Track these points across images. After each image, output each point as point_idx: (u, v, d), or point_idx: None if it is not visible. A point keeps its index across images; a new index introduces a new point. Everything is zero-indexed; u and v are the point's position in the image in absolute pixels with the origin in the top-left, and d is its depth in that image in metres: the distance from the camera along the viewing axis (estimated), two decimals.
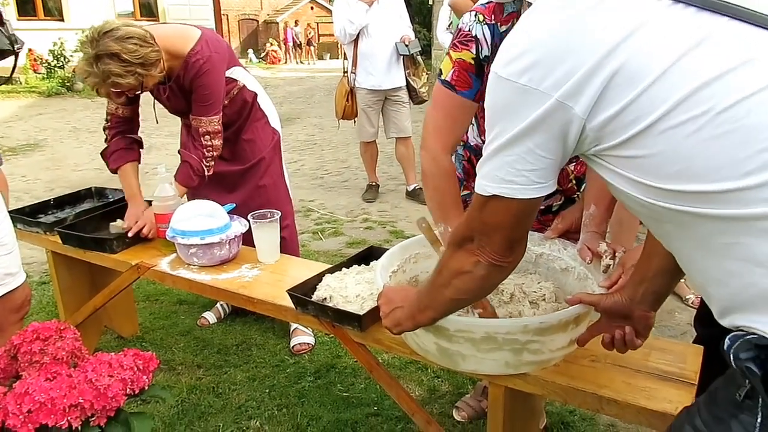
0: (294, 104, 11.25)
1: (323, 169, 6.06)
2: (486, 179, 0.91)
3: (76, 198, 2.56)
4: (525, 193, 0.88)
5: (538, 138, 0.84)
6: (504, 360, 1.29)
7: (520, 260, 1.01)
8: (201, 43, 2.19)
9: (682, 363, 1.34)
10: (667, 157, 0.76)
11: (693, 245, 0.81)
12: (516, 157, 0.86)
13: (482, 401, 2.06)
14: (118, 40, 1.93)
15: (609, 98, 0.77)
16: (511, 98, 0.84)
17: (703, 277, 0.83)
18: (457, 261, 1.02)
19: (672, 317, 2.75)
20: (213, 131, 2.24)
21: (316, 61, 26.38)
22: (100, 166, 6.25)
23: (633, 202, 0.84)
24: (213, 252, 1.95)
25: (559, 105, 0.80)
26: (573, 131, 0.82)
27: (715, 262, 0.79)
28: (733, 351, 0.77)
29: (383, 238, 3.95)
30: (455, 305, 1.13)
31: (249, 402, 2.19)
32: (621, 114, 0.77)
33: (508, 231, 0.94)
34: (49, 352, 1.26)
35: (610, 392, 1.26)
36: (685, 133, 0.74)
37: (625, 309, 1.13)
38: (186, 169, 2.24)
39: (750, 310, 0.77)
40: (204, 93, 2.20)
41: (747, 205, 0.72)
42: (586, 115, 0.79)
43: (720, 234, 0.76)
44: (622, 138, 0.78)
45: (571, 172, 1.74)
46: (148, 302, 3.03)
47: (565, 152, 0.86)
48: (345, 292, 1.63)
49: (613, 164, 0.83)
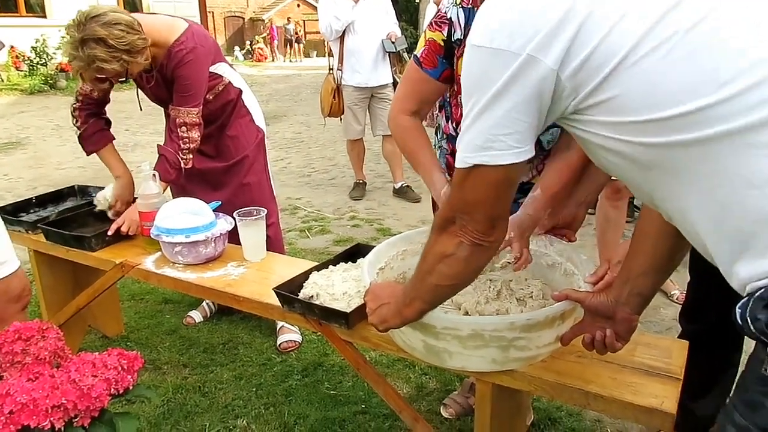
0: (280, 102, 11.21)
1: (310, 167, 6.04)
2: (465, 151, 0.92)
3: (58, 196, 2.53)
4: (504, 158, 0.89)
5: (512, 99, 0.85)
6: (491, 357, 1.29)
7: (502, 240, 1.02)
8: (187, 34, 2.18)
9: (667, 358, 1.35)
10: (642, 88, 0.78)
11: (682, 189, 0.81)
12: (492, 122, 0.87)
13: (470, 398, 2.06)
14: (105, 25, 1.91)
15: (579, 44, 0.80)
16: (484, 64, 0.86)
17: (701, 229, 0.82)
18: (441, 244, 1.03)
19: (657, 313, 2.77)
20: (190, 123, 2.21)
21: (302, 59, 26.27)
22: (83, 164, 6.20)
23: (619, 157, 0.85)
24: (198, 250, 1.93)
25: (531, 60, 0.82)
26: (547, 87, 0.83)
27: (707, 200, 0.79)
28: (749, 316, 0.76)
29: (370, 236, 3.95)
30: (441, 293, 1.13)
31: (236, 401, 2.18)
32: (592, 56, 0.79)
33: (489, 206, 0.95)
34: (32, 352, 1.24)
35: (597, 388, 1.26)
36: (656, 59, 0.76)
37: (609, 310, 1.13)
38: (162, 163, 2.22)
39: (755, 248, 0.76)
40: (184, 83, 2.19)
41: (726, 120, 0.74)
42: (558, 65, 0.81)
43: (704, 162, 0.77)
44: (597, 80, 0.80)
45: None
46: (133, 301, 3.00)
47: (541, 113, 0.87)
48: (332, 289, 1.62)
49: (594, 115, 0.84)
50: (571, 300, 1.22)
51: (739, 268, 0.79)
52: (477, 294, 1.50)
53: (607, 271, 1.30)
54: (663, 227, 0.97)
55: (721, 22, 0.75)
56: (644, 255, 1.05)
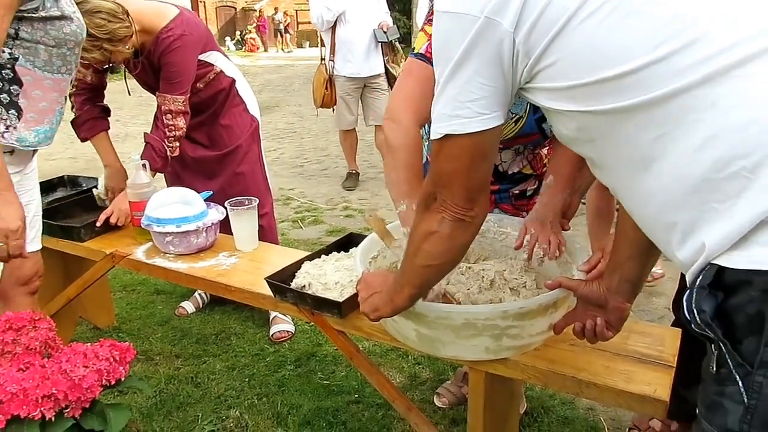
0: (273, 92, 11.15)
1: (303, 158, 6.02)
2: (436, 121, 0.93)
3: (48, 186, 2.50)
4: (471, 125, 0.90)
5: (474, 63, 0.86)
6: (484, 345, 1.29)
7: (484, 215, 1.02)
8: (176, 21, 2.16)
9: (660, 346, 1.36)
10: (584, 50, 0.79)
11: (626, 159, 0.82)
12: (458, 89, 0.89)
13: (463, 387, 2.07)
14: (86, 13, 1.88)
15: (531, 6, 0.81)
16: (448, 29, 0.88)
17: (648, 211, 0.83)
18: (424, 222, 1.03)
19: (649, 302, 2.79)
20: (176, 110, 2.20)
21: (294, 49, 26.12)
22: (74, 155, 6.15)
23: (567, 125, 0.87)
24: (189, 240, 1.92)
25: (488, 22, 0.83)
26: (506, 50, 0.84)
27: (646, 168, 0.79)
28: (694, 307, 0.76)
29: (363, 226, 3.93)
30: (428, 274, 1.12)
31: (228, 391, 2.18)
32: (540, 19, 0.81)
33: (464, 176, 0.95)
34: (22, 342, 1.24)
35: (590, 375, 1.26)
36: (595, 22, 0.78)
37: (600, 298, 1.13)
38: (149, 151, 2.21)
39: (685, 223, 0.77)
40: (171, 70, 2.17)
41: (663, 83, 0.75)
42: (513, 27, 0.82)
43: (644, 129, 0.78)
44: (544, 44, 0.82)
45: (545, 156, 1.74)
46: (124, 292, 2.98)
47: (505, 78, 0.87)
48: (324, 279, 1.61)
49: (542, 82, 0.85)
50: (563, 288, 1.22)
51: (675, 248, 0.80)
52: (470, 284, 1.50)
53: (600, 260, 1.30)
54: None
55: None
56: (627, 240, 1.05)
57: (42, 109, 1.64)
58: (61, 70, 1.65)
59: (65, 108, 1.77)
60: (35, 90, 1.62)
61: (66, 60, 1.65)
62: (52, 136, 1.73)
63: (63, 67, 1.65)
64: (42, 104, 1.64)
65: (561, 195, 1.49)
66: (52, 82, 1.64)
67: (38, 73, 1.60)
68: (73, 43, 1.65)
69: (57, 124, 1.73)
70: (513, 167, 1.73)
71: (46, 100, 1.65)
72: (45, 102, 1.64)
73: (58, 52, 1.62)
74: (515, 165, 1.73)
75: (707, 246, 0.74)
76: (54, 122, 1.71)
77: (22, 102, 1.60)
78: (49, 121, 1.68)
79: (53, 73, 1.63)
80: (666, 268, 2.92)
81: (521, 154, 1.72)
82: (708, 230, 0.75)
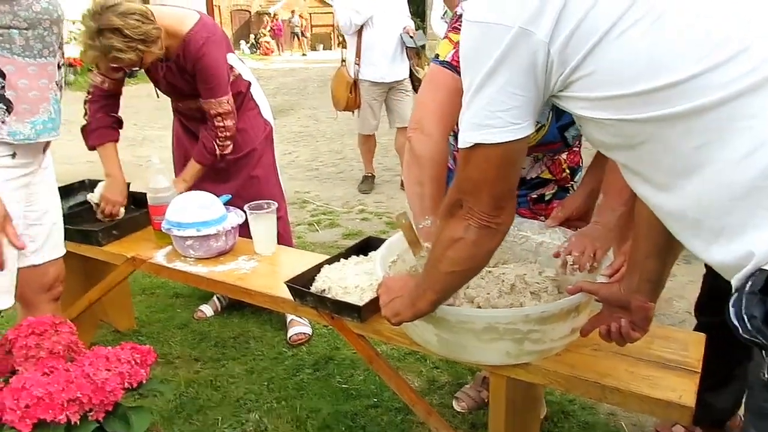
0: (288, 95, 11.19)
1: (318, 161, 6.03)
2: (465, 130, 0.93)
3: (69, 191, 2.52)
4: (502, 135, 0.89)
5: (507, 73, 0.86)
6: (505, 350, 1.28)
7: (510, 223, 1.01)
8: (199, 24, 2.20)
9: (684, 351, 1.34)
10: (625, 61, 0.79)
11: (667, 166, 0.81)
12: (489, 99, 0.88)
13: (482, 391, 2.06)
14: (121, 15, 1.93)
15: (567, 16, 0.80)
16: (479, 39, 0.88)
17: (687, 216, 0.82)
18: (449, 229, 1.03)
19: (670, 306, 2.75)
20: (224, 112, 2.26)
21: (308, 52, 26.25)
22: (93, 159, 6.16)
23: (603, 132, 0.86)
24: (209, 244, 1.93)
25: (522, 32, 0.82)
26: (540, 60, 0.84)
27: (689, 176, 0.79)
28: (745, 313, 0.75)
29: (379, 229, 3.94)
30: (451, 281, 1.11)
31: (247, 395, 2.18)
32: (578, 29, 0.80)
33: (493, 185, 0.95)
34: (45, 346, 1.24)
35: (613, 381, 1.25)
36: (638, 33, 0.77)
37: (623, 299, 1.12)
38: (200, 148, 2.31)
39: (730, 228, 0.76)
40: (208, 74, 2.21)
41: (707, 93, 0.74)
42: (549, 37, 0.82)
43: (687, 138, 0.77)
44: (582, 53, 0.81)
45: (564, 161, 1.73)
46: (144, 295, 3.00)
47: (537, 87, 0.87)
48: (344, 283, 1.61)
49: (578, 91, 0.85)
50: (585, 292, 1.21)
51: (717, 252, 0.79)
52: (490, 288, 1.48)
53: (623, 264, 1.29)
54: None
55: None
56: (644, 238, 1.05)
57: (34, 98, 1.57)
58: (44, 53, 1.57)
59: (61, 94, 1.70)
60: (20, 79, 1.54)
61: (45, 41, 1.57)
62: (54, 126, 1.65)
63: (45, 49, 1.57)
64: (32, 93, 1.57)
65: (613, 212, 1.44)
66: (36, 67, 1.56)
67: (19, 60, 1.52)
68: (49, 21, 1.56)
69: (57, 113, 1.66)
70: (531, 173, 1.72)
71: (35, 88, 1.57)
72: (35, 90, 1.57)
73: (35, 34, 1.53)
74: (534, 171, 1.72)
75: (757, 252, 0.74)
76: (52, 111, 1.64)
77: (10, 94, 1.53)
78: (45, 111, 1.61)
79: (35, 58, 1.55)
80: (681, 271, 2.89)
81: (540, 161, 1.71)
82: (757, 236, 0.74)
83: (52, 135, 1.65)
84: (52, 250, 1.78)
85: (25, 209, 1.68)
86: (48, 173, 1.77)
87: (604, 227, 1.45)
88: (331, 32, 30.55)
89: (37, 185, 1.71)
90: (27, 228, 1.70)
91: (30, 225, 1.71)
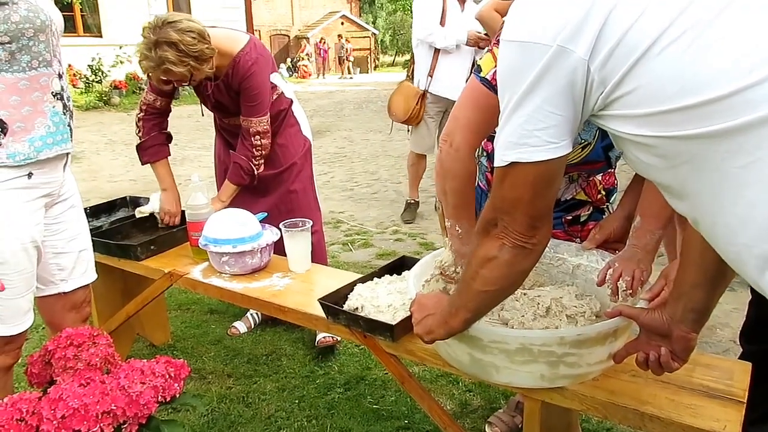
0: (324, 117, 11.34)
1: (353, 181, 6.07)
2: (501, 149, 0.92)
3: (111, 207, 2.60)
4: (539, 154, 0.88)
5: (544, 92, 0.85)
6: (539, 372, 1.25)
7: (545, 243, 1.00)
8: (250, 45, 2.30)
9: (729, 380, 1.29)
10: (668, 77, 0.77)
11: (711, 188, 0.78)
12: (526, 117, 0.87)
13: (515, 416, 2.01)
14: (179, 31, 2.04)
15: (607, 33, 0.79)
16: (516, 58, 0.87)
17: (738, 241, 0.78)
18: (483, 248, 1.02)
19: (713, 333, 2.66)
20: (262, 131, 2.34)
21: (352, 76, 26.66)
22: (135, 177, 6.39)
23: (644, 152, 0.83)
24: (245, 260, 1.95)
25: (561, 51, 0.82)
26: (579, 79, 0.83)
27: (736, 197, 0.76)
28: None
29: (413, 250, 3.92)
30: (485, 300, 1.10)
31: (278, 412, 2.18)
32: (619, 45, 0.79)
33: (528, 204, 0.94)
34: (83, 358, 1.26)
35: (653, 409, 1.21)
36: (680, 49, 0.76)
37: (664, 327, 1.08)
38: (236, 169, 2.37)
39: None
40: (252, 93, 2.29)
41: (754, 108, 0.71)
42: (588, 55, 0.81)
43: (733, 156, 0.74)
44: (623, 70, 0.80)
45: (600, 183, 1.70)
46: (179, 311, 3.05)
47: (575, 106, 0.86)
48: (377, 301, 1.61)
49: (620, 109, 0.83)
50: (624, 316, 1.18)
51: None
52: (524, 310, 1.46)
53: (663, 288, 1.25)
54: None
55: (744, 12, 0.74)
56: (693, 266, 1.01)
57: (27, 114, 1.50)
58: (33, 65, 1.49)
59: (68, 106, 1.61)
60: (11, 96, 1.47)
61: (33, 52, 1.48)
62: (57, 141, 1.57)
63: (33, 61, 1.49)
64: (25, 109, 1.49)
65: (652, 235, 1.41)
66: (27, 81, 1.49)
67: (7, 76, 1.45)
68: (32, 30, 1.46)
69: (58, 126, 1.57)
70: (566, 194, 1.70)
71: (28, 103, 1.50)
72: (27, 106, 1.50)
73: (19, 46, 1.45)
74: (569, 192, 1.70)
75: None
76: (51, 124, 1.55)
77: (2, 114, 1.46)
78: (41, 125, 1.53)
79: (24, 71, 1.48)
80: (726, 298, 2.79)
81: (575, 182, 1.68)
82: None
83: (55, 150, 1.56)
84: (80, 278, 1.77)
85: (53, 238, 1.68)
86: (73, 200, 1.74)
87: (642, 250, 1.42)
88: (368, 56, 30.92)
89: (63, 214, 1.70)
90: (55, 257, 1.70)
91: (57, 254, 1.70)
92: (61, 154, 1.61)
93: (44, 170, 1.58)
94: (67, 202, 1.72)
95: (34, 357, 1.29)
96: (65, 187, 1.71)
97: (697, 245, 0.95)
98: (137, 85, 13.47)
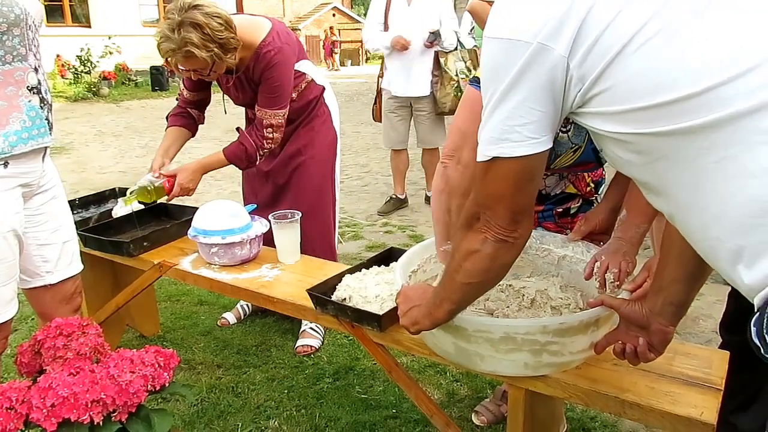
0: None
1: (343, 174, 6.06)
2: (483, 144, 0.94)
3: (100, 198, 2.60)
4: (520, 149, 0.90)
5: (526, 88, 0.87)
6: (523, 361, 1.28)
7: (527, 237, 1.02)
8: (272, 34, 2.18)
9: (707, 368, 1.32)
10: (644, 74, 0.79)
11: (686, 183, 0.80)
12: (507, 113, 0.89)
13: (502, 406, 2.04)
14: (207, 15, 1.93)
15: (586, 30, 0.81)
16: (498, 55, 0.89)
17: (711, 235, 0.80)
18: (466, 242, 1.04)
19: (696, 324, 2.70)
20: (276, 125, 2.24)
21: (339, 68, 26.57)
22: (124, 168, 6.36)
23: (622, 148, 0.86)
24: (234, 251, 1.96)
25: (541, 48, 0.84)
26: (558, 76, 0.85)
27: (710, 192, 0.78)
28: (766, 332, 0.74)
29: (403, 242, 3.94)
30: (468, 292, 1.12)
31: (268, 402, 2.20)
32: (597, 42, 0.81)
33: (510, 199, 0.96)
34: (73, 347, 1.27)
35: (633, 396, 1.24)
36: (656, 46, 0.78)
37: (643, 320, 1.11)
38: (240, 150, 2.25)
39: (753, 247, 0.75)
40: (273, 85, 2.19)
41: (726, 105, 0.73)
42: (568, 52, 0.83)
43: (707, 152, 0.76)
44: (601, 67, 0.81)
45: (588, 176, 1.73)
46: (169, 302, 3.05)
47: (555, 103, 0.88)
48: (365, 292, 1.63)
49: (597, 106, 0.85)
50: (606, 306, 1.20)
51: (742, 272, 0.77)
52: (509, 301, 1.49)
53: (646, 279, 1.28)
54: None
55: (717, 13, 0.76)
56: (673, 261, 1.03)
57: (1, 109, 1.47)
58: (7, 60, 1.46)
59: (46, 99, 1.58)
60: None
61: (6, 47, 1.45)
62: (33, 135, 1.54)
63: (7, 55, 1.46)
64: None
65: (637, 228, 1.43)
66: (1, 76, 1.46)
67: None
68: (5, 25, 1.44)
69: (34, 120, 1.54)
70: (556, 189, 1.73)
71: (2, 97, 1.47)
72: (2, 100, 1.47)
73: None
74: (558, 187, 1.72)
75: None
76: (27, 119, 1.52)
77: None
78: (17, 120, 1.50)
79: None
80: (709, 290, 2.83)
81: (564, 178, 1.71)
82: None
83: (31, 144, 1.54)
84: (66, 269, 1.75)
85: (35, 230, 1.66)
86: (55, 191, 1.72)
87: (628, 243, 1.44)
88: (359, 48, 30.83)
89: (44, 205, 1.67)
90: (38, 248, 1.68)
91: (41, 245, 1.69)
92: (37, 148, 1.58)
93: (20, 161, 1.55)
94: (48, 193, 1.69)
95: (24, 347, 1.30)
96: (45, 178, 1.67)
97: (677, 241, 0.97)
98: (126, 76, 13.37)
